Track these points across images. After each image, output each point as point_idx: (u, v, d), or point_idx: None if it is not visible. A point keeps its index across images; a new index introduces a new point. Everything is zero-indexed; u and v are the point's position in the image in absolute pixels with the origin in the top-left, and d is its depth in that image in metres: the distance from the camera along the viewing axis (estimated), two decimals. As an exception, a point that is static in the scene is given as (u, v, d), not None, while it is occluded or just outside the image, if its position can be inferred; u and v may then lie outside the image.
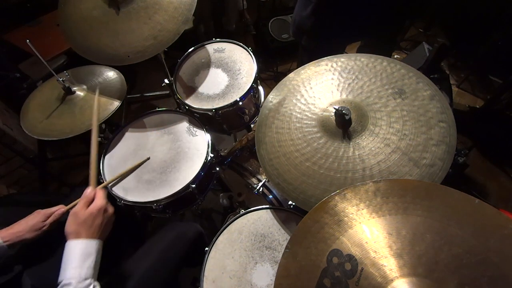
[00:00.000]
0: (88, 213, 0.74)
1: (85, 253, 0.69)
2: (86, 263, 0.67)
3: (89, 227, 0.72)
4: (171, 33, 1.11)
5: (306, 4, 1.35)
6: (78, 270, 0.66)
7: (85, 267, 0.67)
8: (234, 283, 0.87)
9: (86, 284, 0.66)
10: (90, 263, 0.68)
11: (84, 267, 0.67)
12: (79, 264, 0.67)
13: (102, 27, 1.13)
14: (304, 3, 1.36)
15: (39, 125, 1.13)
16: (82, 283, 0.65)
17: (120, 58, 1.11)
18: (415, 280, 0.52)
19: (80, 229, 0.71)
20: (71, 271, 0.66)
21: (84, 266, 0.67)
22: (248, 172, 1.23)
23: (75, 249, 0.69)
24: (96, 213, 0.75)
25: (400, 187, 0.62)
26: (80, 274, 0.66)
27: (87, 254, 0.69)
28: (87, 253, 0.69)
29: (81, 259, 0.67)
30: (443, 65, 2.51)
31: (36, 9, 2.06)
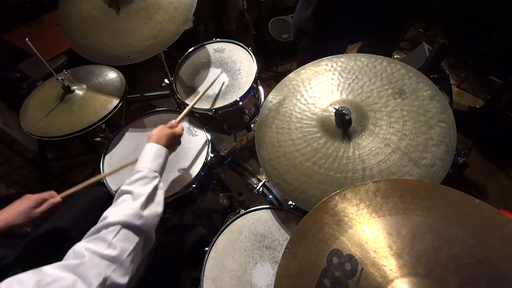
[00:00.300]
0: (171, 131, 0.90)
1: (157, 154, 0.81)
2: (156, 161, 0.80)
3: (167, 141, 0.86)
4: (171, 33, 1.11)
5: (306, 6, 1.35)
6: (150, 163, 0.78)
7: (155, 163, 0.79)
8: (234, 283, 0.87)
9: (155, 175, 0.77)
10: (159, 162, 0.81)
11: (155, 163, 0.79)
12: (151, 160, 0.79)
13: (102, 27, 1.13)
14: (305, 4, 1.37)
15: (38, 124, 1.13)
16: (152, 173, 0.76)
17: (120, 58, 1.11)
18: (415, 280, 0.52)
19: (160, 138, 0.85)
20: (145, 162, 0.78)
21: (155, 162, 0.79)
22: (248, 172, 1.23)
23: (152, 149, 0.82)
24: (175, 135, 0.91)
25: (400, 187, 0.62)
26: (151, 166, 0.78)
27: (159, 156, 0.82)
28: (159, 155, 0.82)
29: (153, 157, 0.80)
30: (443, 65, 2.51)
31: (36, 9, 2.06)
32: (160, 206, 0.74)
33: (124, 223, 0.62)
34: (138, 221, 0.64)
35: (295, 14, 1.49)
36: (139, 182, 0.73)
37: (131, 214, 0.64)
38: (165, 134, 0.87)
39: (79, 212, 1.05)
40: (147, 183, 0.73)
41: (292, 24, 1.55)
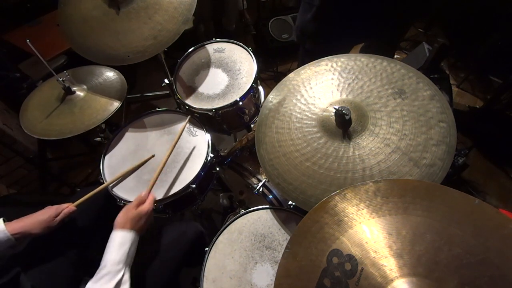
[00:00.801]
0: (137, 212, 0.86)
1: (121, 242, 0.79)
2: (121, 250, 0.77)
3: (133, 224, 0.83)
4: (171, 33, 1.11)
5: (308, 9, 1.35)
6: (114, 254, 0.76)
7: (120, 253, 0.77)
8: (234, 283, 0.87)
9: (118, 268, 0.75)
10: (125, 249, 0.78)
11: (120, 253, 0.77)
12: (116, 250, 0.77)
13: (102, 27, 1.13)
14: (306, 8, 1.36)
15: (39, 124, 1.13)
16: (115, 266, 0.74)
17: (120, 58, 1.11)
18: (415, 280, 0.52)
19: (126, 223, 0.82)
20: (108, 255, 0.76)
21: (120, 252, 0.77)
22: (248, 172, 1.23)
23: (115, 238, 0.79)
24: (142, 215, 0.86)
25: (400, 187, 0.62)
26: (115, 258, 0.75)
27: (123, 243, 0.79)
28: (124, 242, 0.79)
29: (118, 246, 0.78)
30: (443, 65, 2.51)
31: (36, 9, 2.06)
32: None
33: None
34: None
35: (298, 17, 1.49)
36: (102, 280, 0.72)
37: None
38: (130, 217, 0.84)
39: (79, 211, 1.05)
40: (109, 280, 0.73)
41: (295, 27, 1.55)
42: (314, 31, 1.39)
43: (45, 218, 0.88)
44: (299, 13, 1.47)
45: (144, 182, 1.09)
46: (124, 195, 1.06)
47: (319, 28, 1.36)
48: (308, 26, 1.39)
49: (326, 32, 1.38)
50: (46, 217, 0.88)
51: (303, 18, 1.41)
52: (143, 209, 0.88)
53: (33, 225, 0.86)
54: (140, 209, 0.87)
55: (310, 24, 1.37)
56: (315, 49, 1.46)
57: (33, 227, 0.85)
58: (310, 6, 1.33)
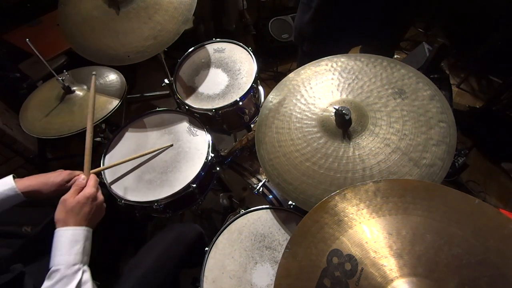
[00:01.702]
0: (75, 201, 0.75)
1: (72, 240, 0.70)
2: (73, 250, 0.69)
3: (76, 215, 0.73)
4: (171, 33, 1.11)
5: (306, 10, 1.35)
6: (66, 256, 0.68)
7: (72, 253, 0.69)
8: (234, 283, 0.87)
9: (75, 269, 0.67)
10: (78, 249, 0.70)
11: (72, 254, 0.69)
12: (66, 251, 0.68)
13: (102, 27, 1.13)
14: (304, 9, 1.36)
15: (38, 123, 1.13)
16: (70, 268, 0.67)
17: (120, 58, 1.11)
18: (415, 280, 0.52)
19: (67, 217, 0.72)
20: (59, 258, 0.68)
21: (72, 253, 0.69)
22: (248, 172, 1.23)
23: (63, 237, 0.70)
24: (83, 201, 0.75)
25: (400, 187, 0.62)
26: (68, 261, 0.68)
27: (75, 241, 0.70)
28: (75, 240, 0.70)
29: (68, 246, 0.69)
30: (443, 65, 2.51)
31: (36, 9, 2.06)
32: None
33: None
34: None
35: (296, 18, 1.49)
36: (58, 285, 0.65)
37: None
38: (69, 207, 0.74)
39: None
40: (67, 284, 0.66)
41: (293, 28, 1.54)
42: (312, 33, 1.38)
43: (58, 180, 0.84)
44: (297, 14, 1.47)
45: (145, 182, 1.09)
46: (124, 195, 1.06)
47: (317, 29, 1.36)
48: (306, 27, 1.39)
49: (325, 33, 1.37)
50: (59, 180, 0.84)
51: (301, 20, 1.41)
52: (84, 195, 0.76)
53: (44, 185, 0.83)
54: (80, 195, 0.76)
55: (308, 25, 1.37)
56: (313, 51, 1.45)
57: (43, 187, 0.83)
58: (308, 7, 1.33)
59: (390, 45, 1.71)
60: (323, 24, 1.33)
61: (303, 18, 1.38)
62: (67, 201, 0.75)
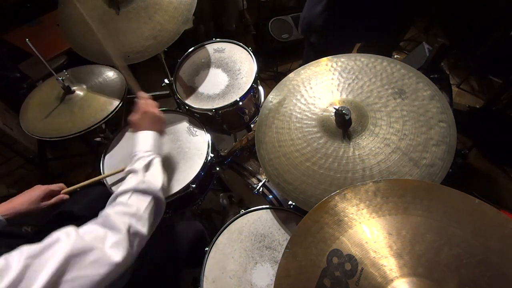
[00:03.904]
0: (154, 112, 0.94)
1: (144, 137, 0.88)
2: (147, 143, 0.87)
3: (147, 124, 0.91)
4: (171, 33, 1.11)
5: (317, 2, 1.34)
6: (142, 147, 0.86)
7: (147, 145, 0.87)
8: (234, 283, 0.87)
9: (148, 153, 0.85)
10: (150, 142, 0.88)
11: (147, 145, 0.87)
12: (142, 143, 0.87)
13: (102, 27, 1.13)
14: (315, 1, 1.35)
15: (38, 124, 1.13)
16: (145, 153, 0.84)
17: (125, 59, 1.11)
18: (415, 280, 0.52)
19: (146, 124, 0.91)
20: (137, 147, 0.86)
21: (147, 145, 0.87)
22: (248, 172, 1.23)
23: (138, 137, 0.89)
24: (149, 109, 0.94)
25: (400, 187, 0.62)
26: (144, 149, 0.85)
27: (148, 139, 0.88)
28: (147, 138, 0.89)
29: (143, 141, 0.87)
30: (443, 65, 2.51)
31: (36, 9, 2.06)
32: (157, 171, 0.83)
33: (132, 189, 0.74)
34: (142, 185, 0.75)
35: (304, 11, 1.48)
36: (137, 162, 0.82)
37: (136, 182, 0.76)
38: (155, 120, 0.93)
39: (80, 211, 1.06)
40: (143, 160, 0.82)
41: (301, 20, 1.53)
42: (322, 24, 1.37)
43: (34, 198, 0.88)
44: (306, 6, 1.46)
45: (144, 182, 1.09)
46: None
47: (328, 21, 1.35)
48: (316, 19, 1.37)
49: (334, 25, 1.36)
50: (35, 198, 0.88)
51: (312, 11, 1.39)
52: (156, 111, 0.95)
53: (22, 205, 0.86)
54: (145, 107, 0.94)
55: (319, 17, 1.35)
56: (320, 43, 1.44)
57: (21, 207, 0.86)
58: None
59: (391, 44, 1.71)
60: (333, 15, 1.33)
61: (313, 10, 1.38)
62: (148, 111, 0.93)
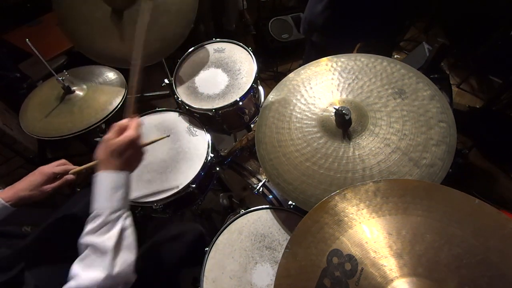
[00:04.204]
0: (118, 143, 0.69)
1: (114, 186, 0.68)
2: (116, 196, 0.67)
3: (118, 158, 0.69)
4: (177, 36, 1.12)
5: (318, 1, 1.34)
6: (109, 202, 0.66)
7: (115, 199, 0.67)
8: (234, 283, 0.87)
9: (118, 215, 0.66)
10: (120, 195, 0.68)
11: (115, 200, 0.67)
12: (109, 197, 0.67)
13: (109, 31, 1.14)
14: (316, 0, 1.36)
15: (38, 124, 1.13)
16: (113, 214, 0.66)
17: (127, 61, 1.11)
18: (415, 280, 0.52)
19: (109, 159, 0.69)
20: (102, 203, 0.66)
21: (115, 199, 0.67)
22: (248, 172, 1.23)
23: (105, 181, 0.68)
24: (126, 144, 0.70)
25: (400, 187, 0.62)
26: (111, 206, 0.66)
27: (117, 187, 0.68)
28: (116, 186, 0.68)
29: (111, 192, 0.67)
30: (443, 65, 2.51)
31: (36, 9, 2.06)
32: (131, 250, 0.67)
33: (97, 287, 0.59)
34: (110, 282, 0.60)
35: (306, 10, 1.48)
36: (101, 230, 0.64)
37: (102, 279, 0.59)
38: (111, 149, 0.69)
39: (79, 209, 1.06)
40: (110, 229, 0.64)
41: (302, 20, 1.53)
42: (323, 23, 1.37)
43: (36, 183, 0.83)
44: (308, 5, 1.46)
45: (144, 182, 1.09)
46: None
47: (329, 20, 1.35)
48: (317, 18, 1.38)
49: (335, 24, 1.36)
50: (37, 182, 0.83)
51: (313, 10, 1.40)
52: (127, 136, 0.70)
53: (24, 190, 0.82)
54: (123, 138, 0.70)
55: (320, 16, 1.36)
56: (321, 42, 1.44)
57: (24, 193, 0.81)
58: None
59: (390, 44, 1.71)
60: (335, 15, 1.32)
61: (314, 9, 1.38)
62: (109, 142, 0.70)
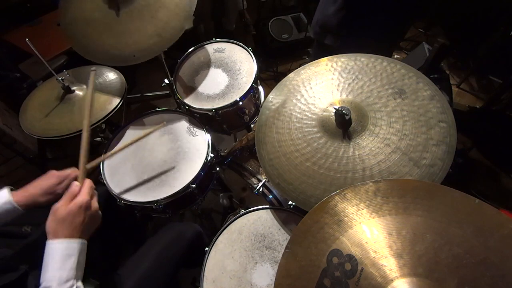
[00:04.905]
0: (67, 211, 0.68)
1: (65, 254, 0.65)
2: (66, 265, 0.64)
3: (68, 226, 0.67)
4: (175, 30, 1.11)
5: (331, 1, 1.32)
6: (59, 272, 0.63)
7: (66, 268, 0.64)
8: (234, 283, 0.87)
9: (68, 286, 0.63)
10: (71, 265, 0.64)
11: (65, 269, 0.64)
12: (59, 266, 0.63)
13: (106, 28, 1.13)
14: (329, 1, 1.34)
15: (38, 124, 1.13)
16: (63, 285, 0.62)
17: (125, 58, 1.11)
18: (415, 280, 0.52)
19: (58, 228, 0.67)
20: (50, 273, 0.63)
21: (65, 268, 0.64)
22: (248, 172, 1.23)
23: (54, 250, 0.65)
24: (76, 211, 0.69)
25: (400, 187, 0.62)
26: (60, 276, 0.63)
27: (68, 255, 0.65)
28: (67, 254, 0.65)
29: (61, 261, 0.64)
30: (443, 65, 2.51)
31: (36, 9, 2.06)
32: None
33: None
34: None
35: (317, 12, 1.46)
36: None
37: None
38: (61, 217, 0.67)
39: None
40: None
41: (314, 22, 1.51)
42: (337, 24, 1.35)
43: (48, 185, 0.82)
44: (318, 7, 1.44)
45: (144, 182, 1.09)
46: (124, 195, 1.06)
47: (343, 20, 1.33)
48: (331, 19, 1.36)
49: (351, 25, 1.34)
50: (49, 185, 0.82)
51: (325, 12, 1.38)
52: (76, 203, 0.69)
53: (37, 194, 0.81)
54: (72, 204, 0.69)
55: (333, 17, 1.34)
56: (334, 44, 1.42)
57: (37, 196, 0.81)
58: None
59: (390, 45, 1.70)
60: (349, 15, 1.31)
61: (327, 11, 1.36)
62: (58, 211, 0.69)
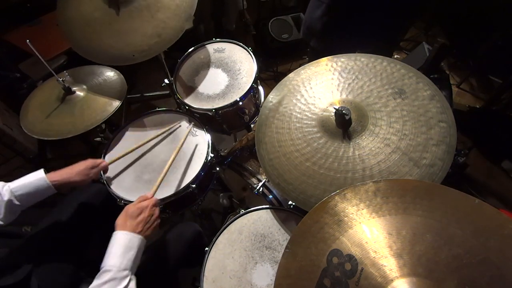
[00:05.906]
0: (136, 207, 0.81)
1: (128, 245, 0.74)
2: (127, 255, 0.72)
3: (134, 219, 0.78)
4: (175, 30, 1.11)
5: (317, 5, 1.33)
6: (119, 259, 0.71)
7: (126, 258, 0.72)
8: (234, 283, 0.87)
9: (125, 274, 0.70)
10: (130, 256, 0.73)
11: (125, 258, 0.72)
12: (121, 254, 0.72)
13: (105, 28, 1.13)
14: (315, 4, 1.34)
15: (39, 124, 1.13)
16: (121, 272, 0.70)
17: (124, 58, 1.11)
18: (415, 280, 0.52)
19: (127, 222, 0.78)
20: (112, 259, 0.71)
21: (125, 257, 0.72)
22: (248, 172, 1.23)
23: (121, 239, 0.74)
24: (142, 208, 0.81)
25: (400, 187, 0.62)
26: (121, 264, 0.71)
27: (129, 247, 0.74)
28: (130, 246, 0.74)
29: (123, 250, 0.72)
30: (443, 65, 2.51)
31: (36, 9, 2.06)
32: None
33: None
34: None
35: (306, 14, 1.47)
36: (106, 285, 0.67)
37: None
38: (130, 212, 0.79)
39: (78, 208, 1.06)
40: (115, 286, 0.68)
41: (303, 23, 1.53)
42: (321, 29, 1.36)
43: (83, 168, 0.96)
44: (307, 10, 1.45)
45: (144, 182, 1.09)
46: (124, 195, 1.06)
47: (326, 26, 1.34)
48: (316, 23, 1.37)
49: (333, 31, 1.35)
50: (84, 167, 0.96)
51: (312, 15, 1.39)
52: (143, 203, 0.83)
53: (71, 174, 0.93)
54: (142, 202, 0.83)
55: (318, 21, 1.35)
56: (319, 47, 1.44)
57: (71, 175, 0.93)
58: (320, 2, 1.30)
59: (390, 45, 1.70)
60: (332, 20, 1.31)
61: (313, 14, 1.37)
62: (129, 207, 0.81)
